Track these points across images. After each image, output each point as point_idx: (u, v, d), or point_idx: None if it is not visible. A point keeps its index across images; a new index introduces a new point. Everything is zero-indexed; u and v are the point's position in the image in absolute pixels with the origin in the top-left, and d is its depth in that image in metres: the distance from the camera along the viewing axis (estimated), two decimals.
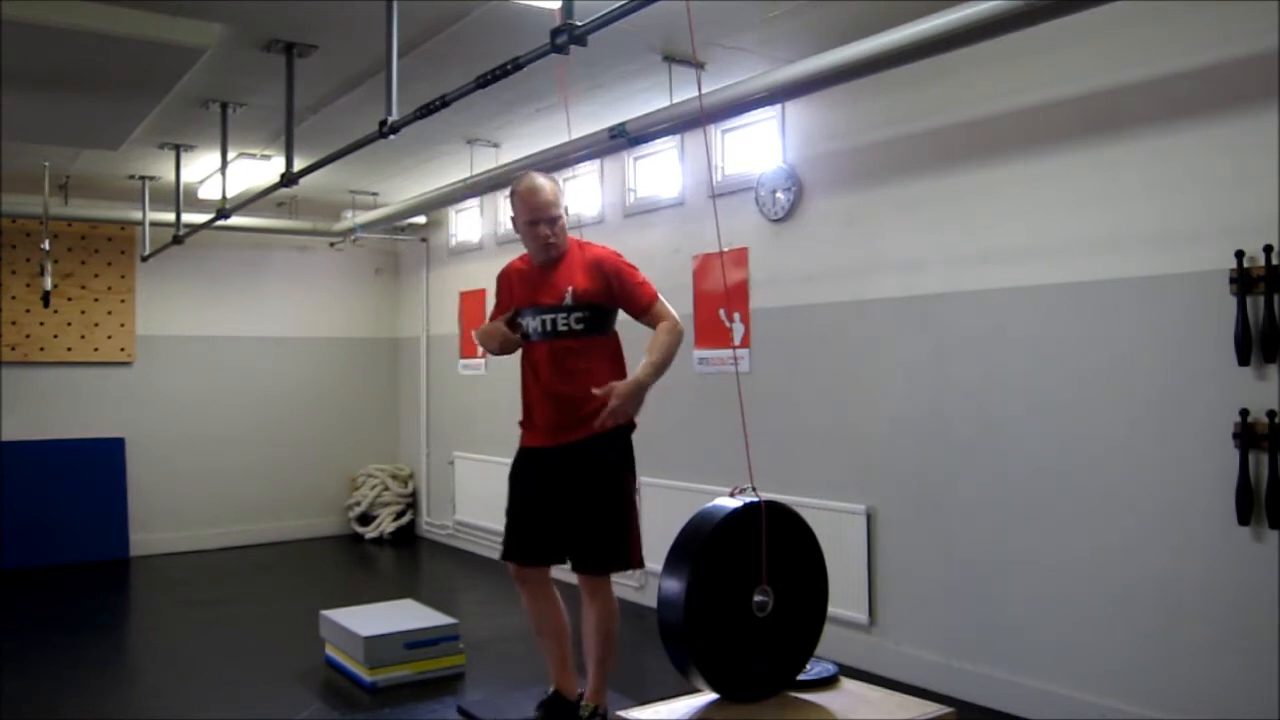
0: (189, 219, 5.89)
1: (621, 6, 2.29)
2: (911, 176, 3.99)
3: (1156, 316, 3.19)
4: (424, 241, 7.80)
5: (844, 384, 4.27)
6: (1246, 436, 2.92)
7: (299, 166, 4.28)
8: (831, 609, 4.06)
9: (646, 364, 3.06)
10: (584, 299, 3.17)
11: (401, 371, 8.20)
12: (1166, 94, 3.16)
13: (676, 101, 4.12)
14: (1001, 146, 3.66)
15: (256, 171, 5.81)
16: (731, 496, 2.52)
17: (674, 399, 3.07)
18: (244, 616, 5.42)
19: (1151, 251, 3.21)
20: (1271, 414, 2.87)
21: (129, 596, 6.13)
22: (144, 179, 6.21)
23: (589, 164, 5.43)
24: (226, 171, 5.18)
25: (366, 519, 7.75)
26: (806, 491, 4.26)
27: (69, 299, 6.80)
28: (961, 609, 3.78)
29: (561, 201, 3.25)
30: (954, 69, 3.61)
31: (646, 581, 5.21)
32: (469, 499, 7.05)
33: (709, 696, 2.43)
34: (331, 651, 4.32)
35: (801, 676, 2.55)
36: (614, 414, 2.97)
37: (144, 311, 7.14)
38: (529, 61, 2.66)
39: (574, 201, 6.15)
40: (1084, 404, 3.39)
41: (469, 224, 7.37)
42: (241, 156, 5.57)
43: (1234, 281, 2.94)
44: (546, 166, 4.81)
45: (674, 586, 2.37)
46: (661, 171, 5.47)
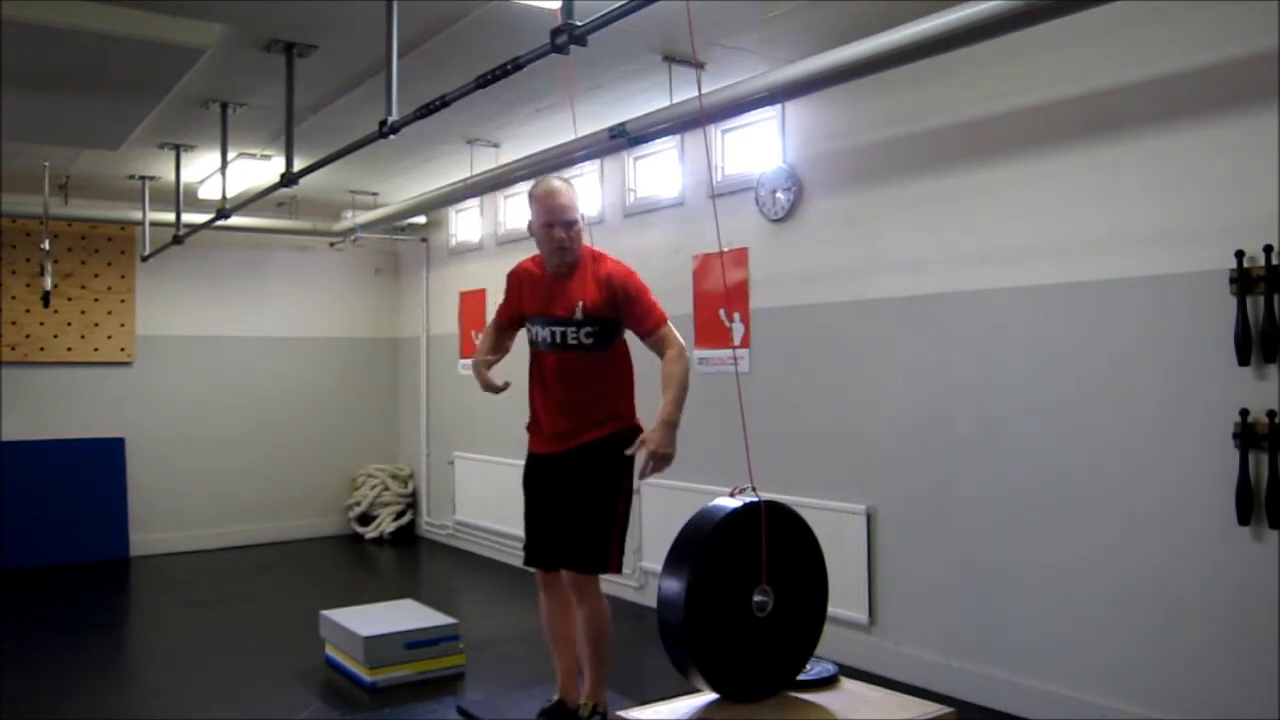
0: (189, 219, 5.89)
1: (621, 6, 2.29)
2: (911, 176, 3.99)
3: (1156, 316, 3.19)
4: (424, 241, 7.80)
5: (844, 384, 4.27)
6: (1246, 436, 2.92)
7: (299, 166, 4.28)
8: (831, 609, 4.06)
9: (668, 403, 2.98)
10: (594, 313, 3.15)
11: (401, 371, 8.20)
12: (1166, 94, 3.16)
13: (676, 101, 4.12)
14: (1001, 146, 3.66)
15: (256, 171, 5.81)
16: (731, 496, 2.52)
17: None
18: (244, 616, 5.42)
19: (1151, 251, 3.21)
20: (1271, 414, 2.87)
21: (129, 596, 6.13)
22: (144, 179, 6.21)
23: (589, 164, 5.43)
24: (226, 171, 5.18)
25: (366, 519, 7.75)
26: (806, 491, 4.26)
27: (69, 299, 6.80)
28: (961, 609, 3.78)
29: (579, 207, 3.22)
30: (954, 69, 3.61)
31: (646, 581, 5.21)
32: (469, 499, 7.05)
33: (709, 696, 2.43)
34: (331, 651, 4.32)
35: (801, 676, 2.55)
36: (655, 462, 2.89)
37: (144, 311, 7.14)
38: (529, 61, 2.66)
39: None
40: (1084, 404, 3.39)
41: (469, 224, 7.37)
42: (241, 156, 5.57)
43: (1234, 281, 2.94)
44: (546, 167, 4.82)
45: (674, 586, 2.37)
46: (661, 171, 5.47)
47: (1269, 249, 2.87)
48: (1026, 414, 3.57)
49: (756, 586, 2.43)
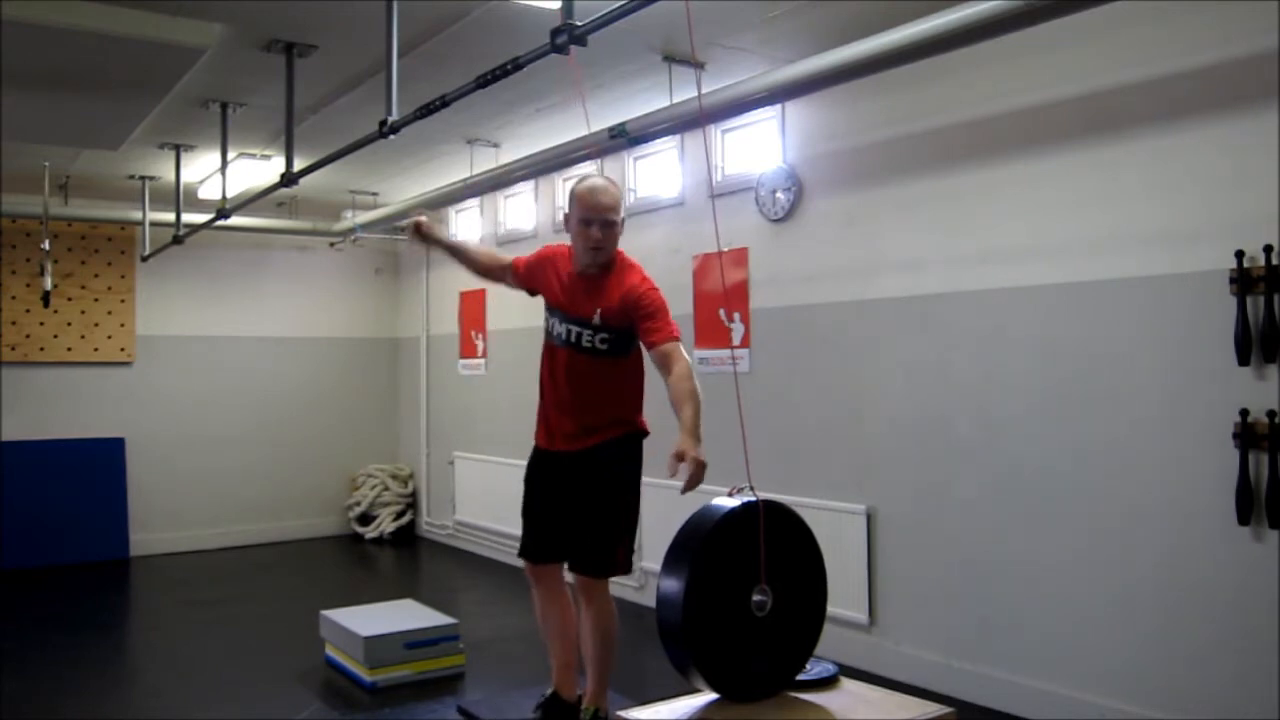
0: (189, 219, 5.89)
1: (621, 6, 2.29)
2: (911, 176, 3.99)
3: (1156, 316, 3.19)
4: None
5: (844, 384, 4.27)
6: (1246, 436, 2.92)
7: (299, 166, 4.29)
8: (831, 609, 4.06)
9: (693, 415, 2.85)
10: (610, 323, 3.13)
11: (401, 371, 8.20)
12: (1166, 94, 3.16)
13: (676, 101, 4.12)
14: (1001, 146, 3.66)
15: (256, 171, 5.81)
16: (730, 496, 2.52)
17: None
18: (244, 616, 5.42)
19: (1151, 251, 3.21)
20: (1271, 414, 2.87)
21: (129, 596, 6.13)
22: (144, 179, 6.21)
23: (589, 164, 5.42)
24: (226, 171, 5.18)
25: (366, 519, 7.75)
26: (806, 491, 4.26)
27: (69, 299, 6.80)
28: (961, 609, 3.78)
29: (621, 210, 3.16)
30: (954, 69, 3.61)
31: (646, 581, 5.21)
32: (469, 499, 7.05)
33: (709, 696, 2.43)
34: (331, 651, 4.32)
35: (801, 676, 2.54)
36: (696, 470, 2.74)
37: (144, 311, 7.14)
38: (529, 61, 2.67)
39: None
40: (1084, 404, 3.39)
41: (469, 224, 7.37)
42: (241, 156, 5.57)
43: (1234, 281, 2.94)
44: (546, 167, 4.82)
45: (673, 586, 2.37)
46: (661, 171, 5.47)
47: (1269, 249, 2.87)
48: (1026, 414, 3.57)
49: (755, 586, 2.43)
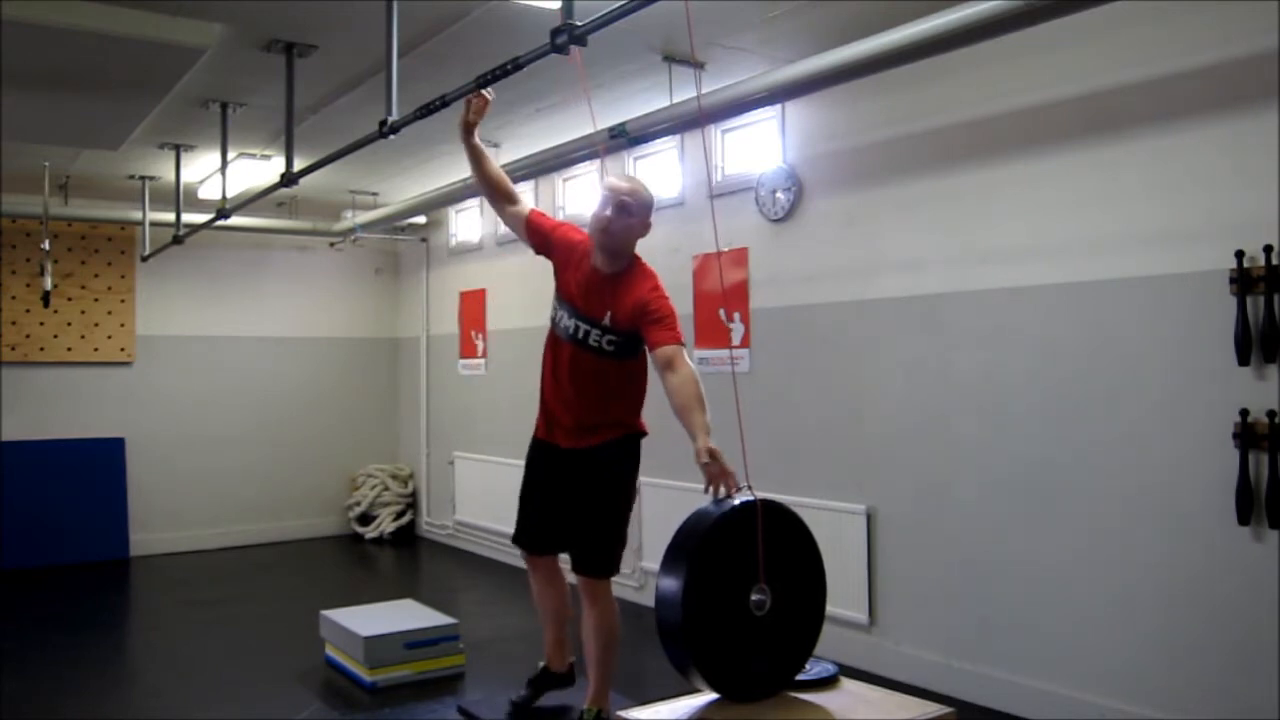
0: (189, 219, 5.88)
1: (621, 6, 2.29)
2: (911, 176, 3.99)
3: (1157, 316, 3.19)
4: (424, 241, 7.80)
5: (844, 384, 4.27)
6: (1246, 436, 2.92)
7: (299, 166, 4.28)
8: (831, 609, 4.06)
9: (701, 424, 2.76)
10: (619, 326, 3.13)
11: (401, 371, 8.19)
12: (1166, 94, 3.16)
13: (676, 101, 4.12)
14: (1001, 146, 3.66)
15: (256, 171, 5.80)
16: (728, 496, 2.52)
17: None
18: (244, 616, 5.42)
19: (1151, 251, 3.20)
20: (1271, 414, 2.87)
21: (129, 596, 6.13)
22: (144, 179, 6.21)
23: (589, 164, 5.42)
24: (226, 171, 5.18)
25: (366, 519, 7.75)
26: (806, 491, 4.26)
27: (69, 299, 6.80)
28: (961, 609, 3.78)
29: (640, 207, 3.15)
30: (954, 69, 3.61)
31: (646, 581, 5.21)
32: (469, 499, 7.05)
33: (709, 696, 2.43)
34: (331, 651, 4.31)
35: (801, 676, 2.54)
36: (726, 479, 2.62)
37: (144, 311, 7.14)
38: (529, 61, 2.66)
39: (574, 202, 6.15)
40: (1084, 404, 3.39)
41: (469, 224, 7.37)
42: (241, 156, 5.57)
43: (1234, 281, 2.94)
44: (547, 167, 4.82)
45: (671, 585, 2.37)
46: (661, 171, 5.46)
47: (1269, 249, 2.87)
48: (1027, 414, 3.57)
49: (754, 585, 2.43)
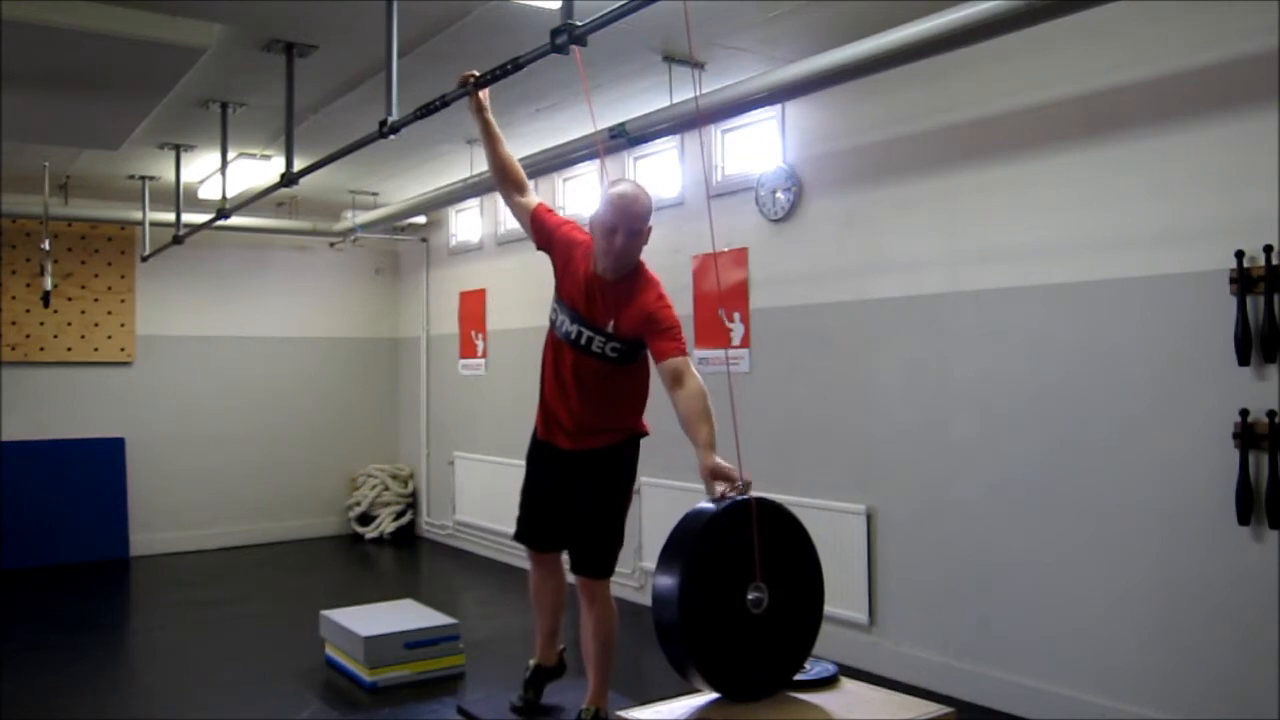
0: (189, 219, 5.88)
1: (621, 6, 2.29)
2: (911, 176, 3.99)
3: (1156, 316, 3.19)
4: (424, 241, 7.80)
5: (844, 384, 4.27)
6: (1246, 436, 2.92)
7: (299, 166, 4.28)
8: (831, 609, 4.06)
9: (705, 439, 2.74)
10: (622, 334, 3.09)
11: (401, 371, 8.19)
12: (1166, 94, 3.16)
13: (676, 101, 4.12)
14: (1001, 146, 3.66)
15: (256, 171, 5.80)
16: (723, 496, 2.52)
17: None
18: (244, 616, 5.42)
19: (1151, 251, 3.20)
20: (1271, 414, 2.87)
21: (129, 596, 6.13)
22: (144, 179, 6.21)
23: (589, 164, 5.42)
24: (226, 171, 5.18)
25: (366, 519, 7.75)
26: (806, 491, 4.26)
27: (69, 299, 6.80)
28: (961, 609, 3.78)
29: (647, 219, 3.06)
30: (954, 69, 3.61)
31: (646, 580, 5.21)
32: (469, 499, 7.05)
33: (709, 696, 2.43)
34: (331, 651, 4.31)
35: (801, 676, 2.54)
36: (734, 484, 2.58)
37: (144, 311, 7.14)
38: (529, 61, 2.66)
39: (574, 202, 6.15)
40: (1084, 404, 3.39)
41: (469, 224, 7.37)
42: (241, 156, 5.57)
43: (1234, 281, 2.94)
44: (546, 167, 4.82)
45: (667, 583, 2.37)
46: (661, 171, 5.46)
47: (1269, 249, 2.87)
48: (1026, 414, 3.57)
49: (750, 583, 2.43)
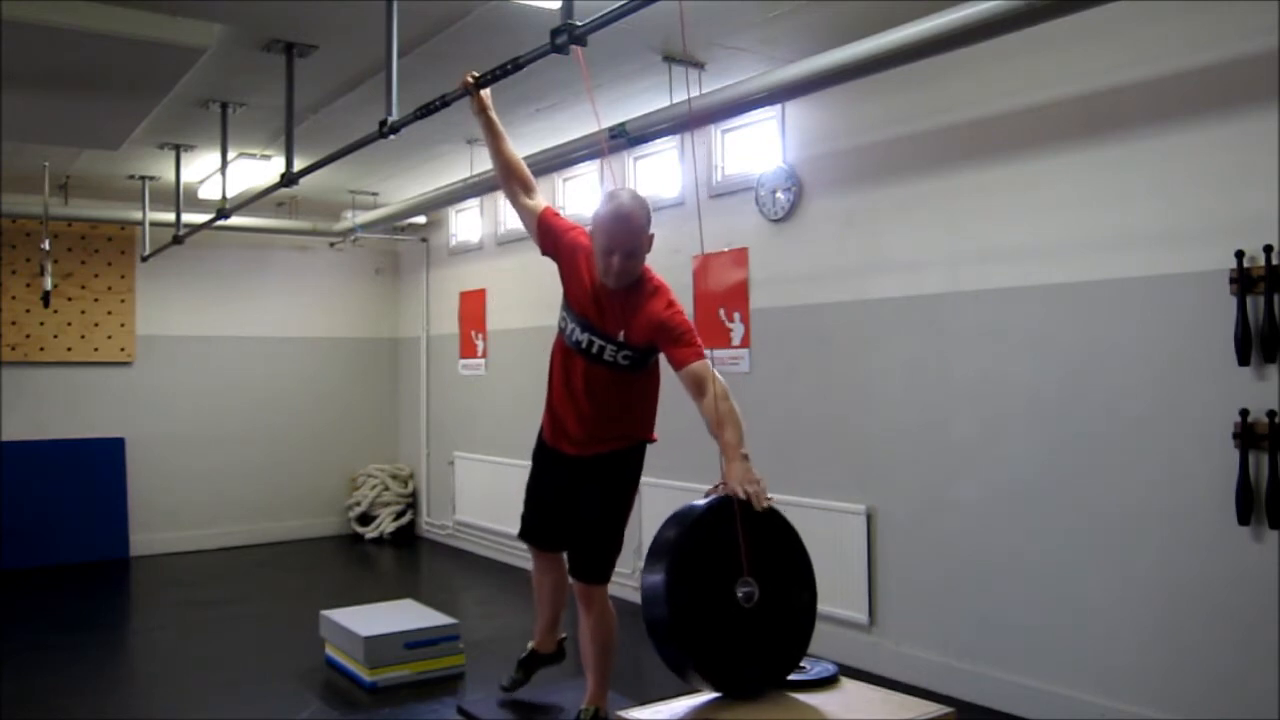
0: (189, 219, 5.88)
1: (621, 6, 2.29)
2: (911, 176, 3.99)
3: (1157, 316, 3.19)
4: (424, 241, 7.80)
5: (844, 384, 4.27)
6: (1246, 436, 2.92)
7: (299, 166, 4.28)
8: (831, 609, 4.08)
9: (735, 438, 2.71)
10: (633, 342, 3.05)
11: (401, 371, 8.19)
12: (1166, 94, 3.16)
13: (677, 101, 4.12)
14: (1001, 146, 3.66)
15: (256, 171, 5.80)
16: (707, 496, 2.55)
17: (675, 400, 3.07)
18: (244, 616, 5.42)
19: (1151, 251, 3.20)
20: (1271, 414, 2.87)
21: (129, 596, 6.13)
22: (144, 179, 6.21)
23: (589, 164, 5.43)
24: (226, 171, 5.18)
25: (366, 519, 7.75)
26: (806, 491, 4.26)
27: (69, 299, 6.80)
28: (961, 609, 3.78)
29: (645, 234, 2.99)
30: (954, 69, 3.61)
31: None
32: (469, 499, 7.05)
33: (708, 696, 2.43)
34: (331, 651, 4.31)
35: (801, 676, 2.54)
36: (754, 493, 2.56)
37: (144, 311, 7.14)
38: (529, 61, 2.66)
39: (574, 202, 6.15)
40: (1084, 404, 3.39)
41: (469, 224, 7.37)
42: (241, 156, 5.57)
43: (1234, 281, 2.94)
44: (546, 167, 4.82)
45: (653, 581, 2.40)
46: (661, 171, 5.46)
47: (1269, 249, 2.87)
48: (1026, 414, 3.57)
49: (739, 578, 2.44)
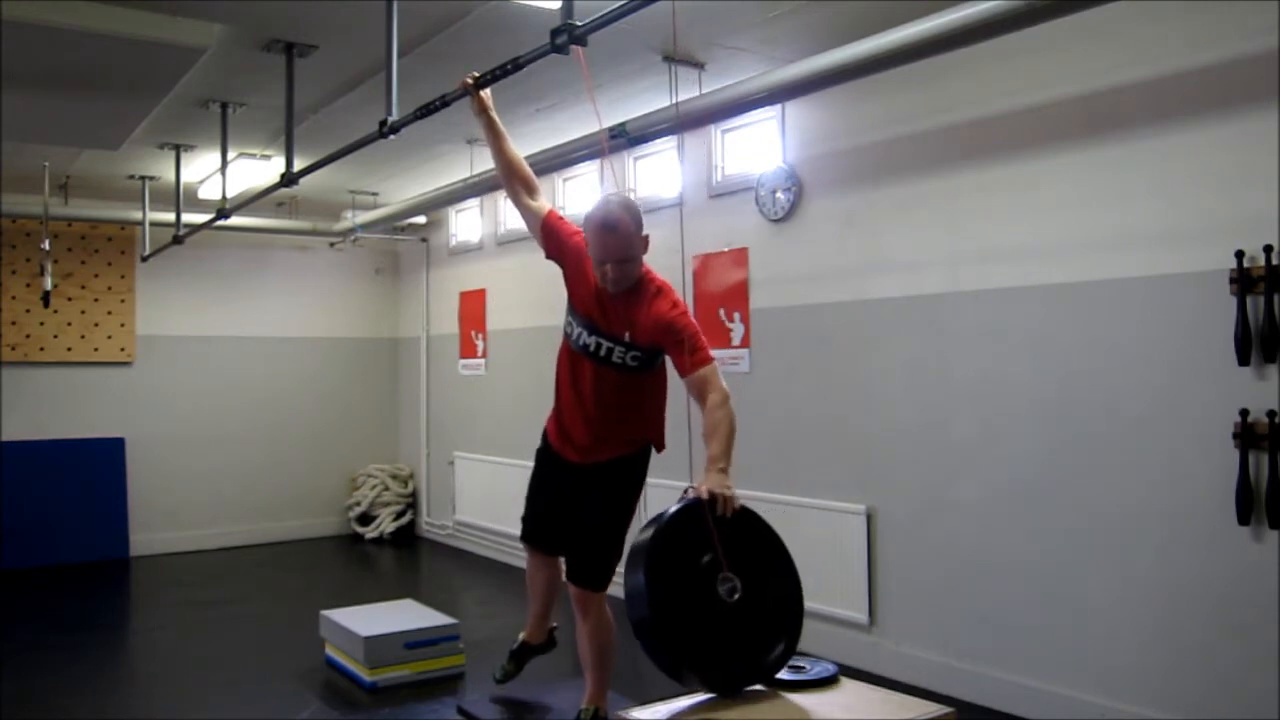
0: (189, 219, 5.88)
1: (621, 6, 2.29)
2: (911, 176, 3.99)
3: (1157, 316, 3.19)
4: (424, 241, 7.80)
5: (844, 384, 4.27)
6: (1246, 436, 2.92)
7: (299, 166, 4.28)
8: (831, 609, 4.08)
9: (718, 450, 2.73)
10: (640, 343, 3.04)
11: (401, 371, 8.19)
12: (1166, 94, 3.16)
13: (676, 101, 4.12)
14: (1001, 146, 3.66)
15: (256, 171, 5.80)
16: (681, 497, 2.57)
17: (674, 401, 3.07)
18: (244, 616, 5.42)
19: (1151, 251, 3.20)
20: (1271, 414, 2.87)
21: (129, 596, 6.13)
22: (144, 179, 6.21)
23: (589, 164, 5.43)
24: (226, 171, 5.18)
25: (366, 519, 7.75)
26: (806, 491, 4.26)
27: (69, 299, 6.80)
28: (961, 609, 3.78)
29: (637, 239, 2.96)
30: (954, 69, 3.61)
31: None
32: (469, 499, 7.04)
33: (707, 696, 2.43)
34: (331, 651, 4.31)
35: (801, 677, 2.55)
36: (724, 503, 2.58)
37: (144, 311, 7.14)
38: (529, 61, 2.66)
39: (574, 202, 6.15)
40: (1084, 404, 3.39)
41: (469, 224, 7.37)
42: (241, 156, 5.57)
43: (1234, 281, 2.94)
44: (546, 167, 4.81)
45: (634, 581, 2.41)
46: (661, 171, 5.46)
47: (1269, 249, 2.87)
48: (1026, 414, 3.57)
49: (719, 575, 2.45)
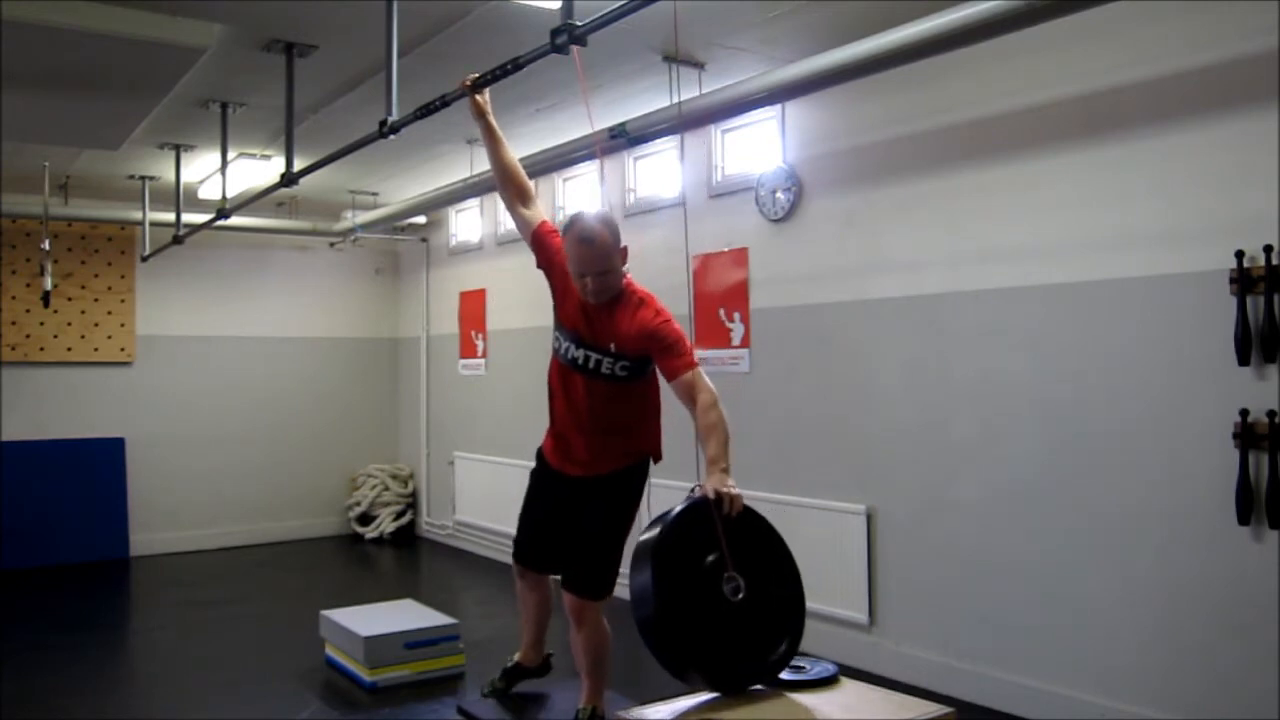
0: (189, 219, 5.89)
1: (621, 6, 2.29)
2: (911, 176, 3.99)
3: (1157, 316, 3.19)
4: (424, 241, 7.80)
5: (844, 384, 4.27)
6: (1246, 436, 2.92)
7: (299, 166, 4.28)
8: (831, 609, 4.08)
9: (717, 451, 2.76)
10: (627, 352, 3.07)
11: (401, 371, 8.20)
12: (1166, 94, 3.16)
13: (676, 101, 4.12)
14: (1001, 146, 3.66)
15: (256, 171, 5.81)
16: (686, 499, 2.58)
17: (674, 401, 3.07)
18: (244, 616, 5.42)
19: (1151, 251, 3.20)
20: (1271, 414, 2.87)
21: (129, 596, 6.13)
22: (144, 179, 6.21)
23: (589, 164, 5.43)
24: (226, 171, 5.18)
25: (366, 519, 7.75)
26: (806, 491, 4.26)
27: (69, 299, 6.80)
28: (961, 609, 3.78)
29: (615, 251, 3.00)
30: (954, 69, 3.61)
31: None
32: (469, 499, 7.05)
33: (707, 696, 2.43)
34: (331, 651, 4.31)
35: (801, 677, 2.55)
36: (729, 503, 2.59)
37: (144, 311, 7.14)
38: (529, 61, 2.67)
39: (574, 202, 6.16)
40: (1083, 404, 3.39)
41: (469, 224, 7.37)
42: (241, 156, 5.57)
43: (1234, 281, 2.94)
44: (546, 166, 4.82)
45: (640, 581, 2.42)
46: (661, 171, 5.46)
47: (1269, 249, 2.87)
48: (1026, 414, 3.57)
49: (723, 574, 2.45)
